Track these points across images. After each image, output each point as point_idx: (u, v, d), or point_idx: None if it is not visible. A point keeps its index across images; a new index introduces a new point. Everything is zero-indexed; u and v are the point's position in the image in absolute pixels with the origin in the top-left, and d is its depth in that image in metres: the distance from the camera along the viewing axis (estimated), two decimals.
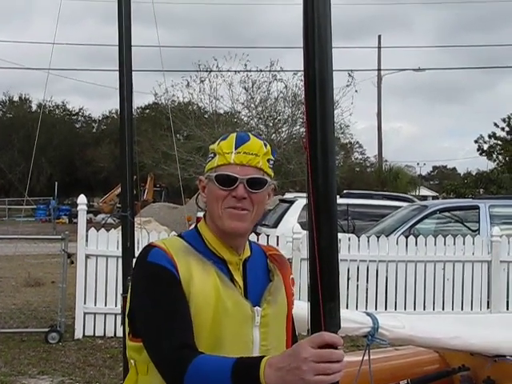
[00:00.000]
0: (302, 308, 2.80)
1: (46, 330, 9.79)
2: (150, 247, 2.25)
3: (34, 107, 55.89)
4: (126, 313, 2.31)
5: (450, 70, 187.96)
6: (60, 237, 10.50)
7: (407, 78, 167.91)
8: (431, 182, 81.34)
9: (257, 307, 2.27)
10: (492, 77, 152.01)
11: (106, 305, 9.98)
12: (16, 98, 57.39)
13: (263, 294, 2.31)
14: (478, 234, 12.27)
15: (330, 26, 1.87)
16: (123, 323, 2.39)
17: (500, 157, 36.00)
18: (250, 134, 2.33)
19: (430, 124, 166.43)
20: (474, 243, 11.12)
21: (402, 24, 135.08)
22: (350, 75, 31.02)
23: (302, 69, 1.87)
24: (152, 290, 2.17)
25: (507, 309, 11.06)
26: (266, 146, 2.31)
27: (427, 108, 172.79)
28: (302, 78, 1.80)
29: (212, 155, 2.33)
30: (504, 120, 35.98)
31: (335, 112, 2.00)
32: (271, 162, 2.33)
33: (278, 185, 2.41)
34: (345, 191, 19.13)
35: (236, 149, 2.26)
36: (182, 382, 1.99)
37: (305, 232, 10.40)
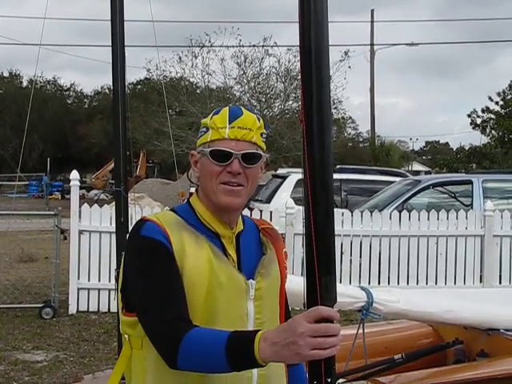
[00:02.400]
0: (296, 283, 2.80)
1: (40, 305, 9.81)
2: (142, 221, 2.23)
3: (25, 83, 55.64)
4: (119, 288, 2.30)
5: (448, 45, 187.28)
6: (53, 213, 10.50)
7: (405, 53, 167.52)
8: (424, 157, 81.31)
9: (251, 280, 2.26)
10: (490, 51, 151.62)
11: (99, 280, 9.98)
12: (6, 74, 57.08)
13: (256, 267, 2.31)
14: (471, 208, 12.30)
15: None
16: (117, 298, 2.37)
17: (494, 131, 35.91)
18: (242, 108, 2.31)
19: (427, 99, 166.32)
20: (467, 218, 11.16)
21: None
22: (346, 53, 31.03)
23: (296, 43, 1.84)
24: (146, 264, 2.16)
25: (500, 283, 11.12)
26: (259, 120, 2.30)
27: (424, 83, 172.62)
28: (295, 53, 1.77)
29: (205, 129, 2.31)
30: (499, 94, 35.85)
31: None
32: (264, 136, 2.32)
33: (271, 160, 2.40)
34: (338, 166, 19.12)
35: (230, 123, 2.24)
36: (176, 355, 1.99)
37: (298, 207, 10.42)
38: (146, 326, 2.14)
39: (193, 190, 2.39)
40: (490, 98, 35.92)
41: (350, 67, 31.23)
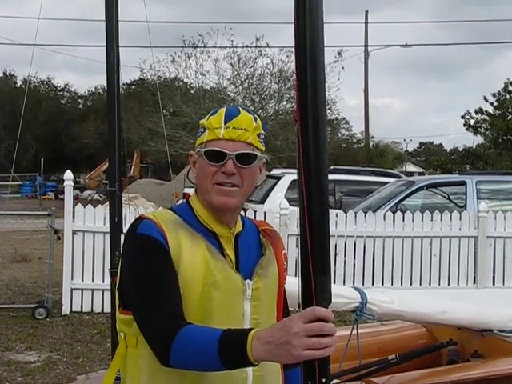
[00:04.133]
0: (291, 284, 2.79)
1: (34, 305, 9.79)
2: (140, 219, 2.24)
3: (19, 83, 55.52)
4: (116, 285, 2.30)
5: (445, 46, 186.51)
6: (47, 213, 10.48)
7: (401, 55, 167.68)
8: (418, 159, 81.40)
9: (248, 280, 2.26)
10: (486, 53, 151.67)
11: (93, 281, 9.97)
12: (0, 74, 56.92)
13: (254, 268, 2.30)
14: (465, 209, 12.30)
15: None
16: (112, 298, 2.37)
17: (487, 132, 35.95)
18: (240, 109, 2.31)
19: (422, 100, 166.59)
20: (460, 219, 11.17)
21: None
22: (339, 53, 31.09)
23: (289, 44, 1.84)
24: (142, 261, 2.16)
25: (493, 284, 11.13)
26: (255, 120, 2.29)
27: (420, 84, 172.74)
28: (288, 54, 1.76)
29: (202, 130, 2.31)
30: (494, 95, 35.90)
31: None
32: (262, 137, 2.32)
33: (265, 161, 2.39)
34: (332, 167, 19.12)
35: (225, 124, 2.24)
36: (169, 352, 1.99)
37: (292, 208, 10.41)
38: (140, 322, 2.14)
39: (187, 190, 2.39)
40: (485, 99, 35.98)
41: (343, 68, 31.31)
